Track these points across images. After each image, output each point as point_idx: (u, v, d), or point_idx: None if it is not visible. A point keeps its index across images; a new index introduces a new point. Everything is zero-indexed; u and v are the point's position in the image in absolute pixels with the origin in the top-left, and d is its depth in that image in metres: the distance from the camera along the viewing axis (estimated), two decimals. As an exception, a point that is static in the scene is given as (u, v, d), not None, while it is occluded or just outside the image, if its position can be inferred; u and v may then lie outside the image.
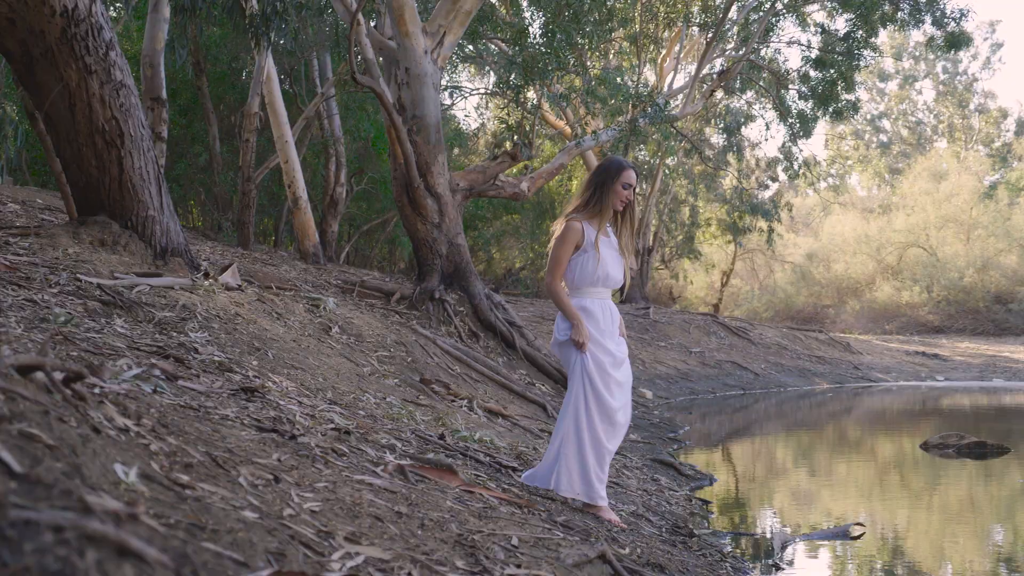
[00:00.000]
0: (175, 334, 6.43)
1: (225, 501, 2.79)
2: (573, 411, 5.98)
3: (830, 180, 66.21)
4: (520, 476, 6.37)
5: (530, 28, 18.95)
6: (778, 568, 6.62)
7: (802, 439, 14.56)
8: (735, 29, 26.35)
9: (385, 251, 32.30)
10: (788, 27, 47.11)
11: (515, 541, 3.97)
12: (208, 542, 2.26)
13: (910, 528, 8.49)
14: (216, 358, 6.03)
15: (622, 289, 26.52)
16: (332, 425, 5.28)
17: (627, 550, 5.13)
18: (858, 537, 7.49)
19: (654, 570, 4.85)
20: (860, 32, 23.86)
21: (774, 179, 42.29)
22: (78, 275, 6.90)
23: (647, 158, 35.74)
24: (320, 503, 3.34)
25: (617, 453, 10.20)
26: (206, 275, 8.82)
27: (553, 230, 6.27)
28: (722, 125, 35.03)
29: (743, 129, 36.09)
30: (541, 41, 17.82)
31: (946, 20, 23.66)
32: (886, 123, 70.38)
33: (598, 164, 6.38)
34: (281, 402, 5.42)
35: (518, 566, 3.56)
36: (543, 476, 6.07)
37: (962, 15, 23.57)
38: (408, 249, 26.89)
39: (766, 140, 42.07)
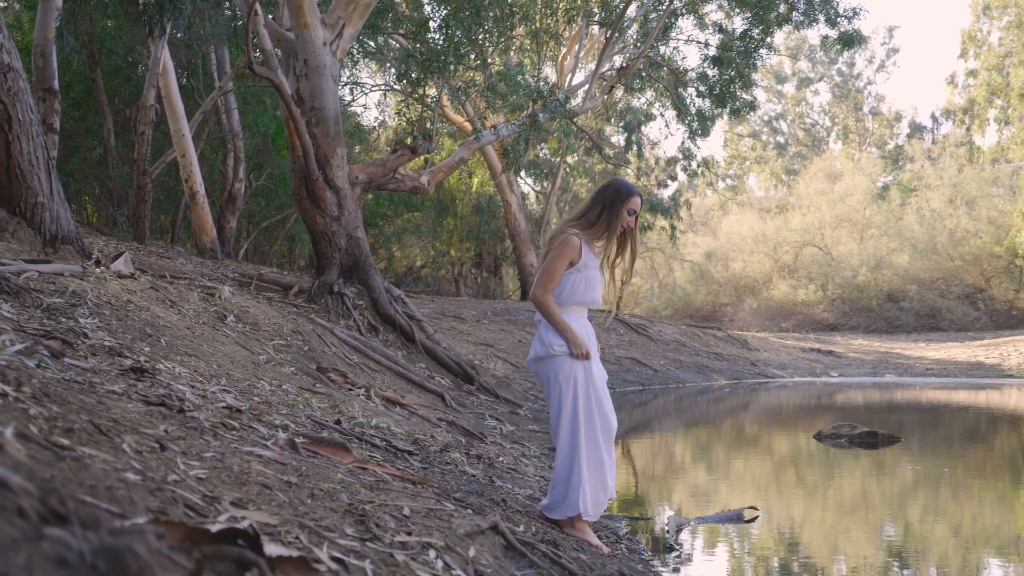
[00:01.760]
0: (64, 319, 6.30)
1: (107, 464, 2.73)
2: (582, 426, 5.73)
3: (728, 180, 67.21)
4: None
5: (431, 22, 18.88)
6: (672, 549, 6.68)
7: (700, 433, 14.71)
8: (635, 27, 26.57)
9: (285, 248, 32.00)
10: (687, 26, 47.28)
11: (407, 511, 3.94)
12: (85, 495, 2.22)
13: (800, 511, 8.64)
14: (106, 343, 5.90)
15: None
16: (223, 404, 5.21)
17: (521, 527, 5.14)
18: (751, 520, 7.61)
19: (548, 546, 4.86)
20: (756, 31, 24.20)
21: (673, 178, 42.69)
22: (-37, 259, 6.73)
23: (548, 156, 35.86)
24: (207, 471, 3.29)
25: (515, 443, 10.26)
26: (97, 263, 8.66)
27: (552, 236, 6.07)
28: (622, 123, 35.27)
29: (643, 128, 36.37)
30: (441, 35, 17.80)
31: (839, 19, 24.10)
32: (783, 124, 71.58)
33: (604, 183, 6.08)
34: (172, 383, 5.33)
35: (408, 534, 3.54)
36: (564, 504, 5.76)
37: (855, 13, 24.02)
38: (308, 247, 26.69)
39: (666, 138, 42.55)
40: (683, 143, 35.71)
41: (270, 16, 15.27)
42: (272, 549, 2.33)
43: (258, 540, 2.22)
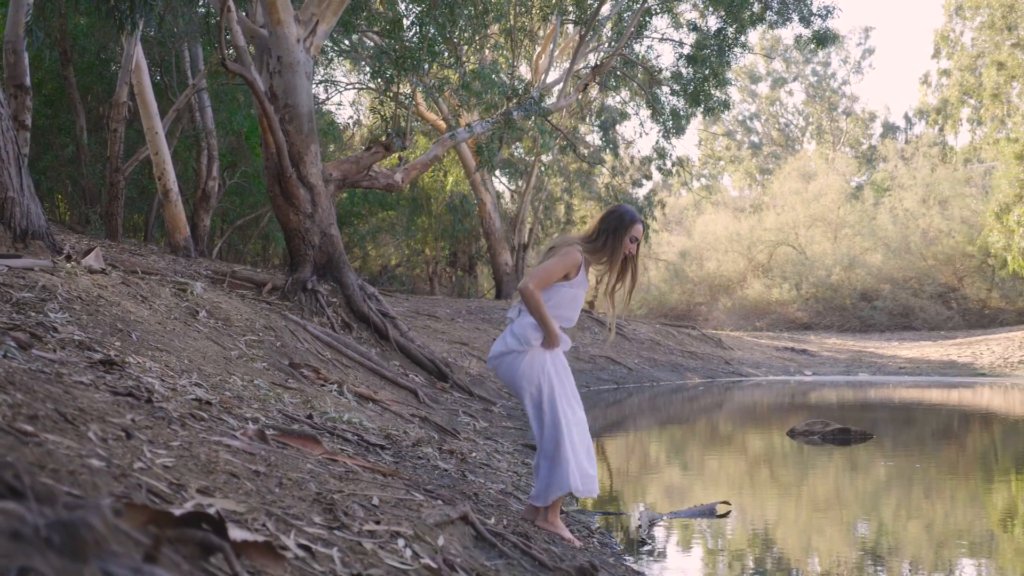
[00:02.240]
0: (33, 313, 6.25)
1: (71, 450, 2.71)
2: (564, 409, 5.71)
3: (703, 179, 67.41)
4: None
5: (404, 20, 18.84)
6: (644, 543, 6.69)
7: (674, 431, 14.75)
8: (609, 25, 26.63)
9: (259, 247, 31.88)
10: (661, 25, 47.37)
11: (376, 501, 3.93)
12: (46, 478, 2.19)
13: (773, 507, 8.67)
14: (76, 337, 5.86)
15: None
16: (193, 396, 5.18)
17: (492, 520, 5.13)
18: (724, 515, 7.63)
19: (519, 538, 4.85)
20: (731, 30, 24.28)
21: (648, 177, 42.72)
22: (-70, 253, 6.67)
23: (523, 155, 35.83)
24: (174, 459, 3.26)
25: (488, 439, 10.25)
26: (68, 258, 8.61)
27: (552, 246, 5.99)
28: (597, 122, 35.30)
29: (618, 127, 36.42)
30: (415, 33, 17.76)
31: (813, 17, 24.22)
32: (757, 124, 71.82)
33: (609, 209, 6.06)
34: (141, 376, 5.29)
35: (377, 523, 3.52)
36: (552, 483, 5.67)
37: (828, 12, 24.15)
38: (282, 246, 26.55)
39: (640, 137, 42.33)
40: (657, 142, 35.79)
41: (243, 13, 15.20)
42: (237, 534, 2.31)
43: (223, 525, 2.21)
